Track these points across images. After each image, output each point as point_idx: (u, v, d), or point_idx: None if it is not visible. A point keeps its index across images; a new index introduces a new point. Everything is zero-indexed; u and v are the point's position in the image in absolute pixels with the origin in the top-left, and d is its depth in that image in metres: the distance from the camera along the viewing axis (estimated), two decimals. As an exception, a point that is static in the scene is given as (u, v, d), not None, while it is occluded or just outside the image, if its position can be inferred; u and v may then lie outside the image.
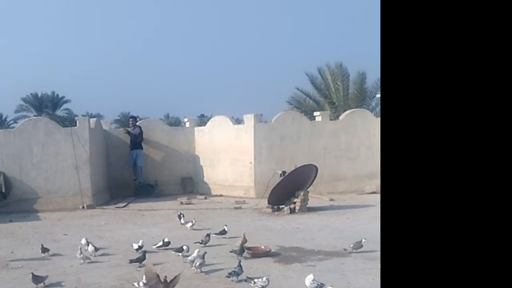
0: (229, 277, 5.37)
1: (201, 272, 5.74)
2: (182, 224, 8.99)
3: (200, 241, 7.10)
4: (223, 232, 7.62)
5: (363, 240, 6.53)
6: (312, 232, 8.19)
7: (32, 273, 5.41)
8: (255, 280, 5.00)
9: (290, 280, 5.24)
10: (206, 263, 5.84)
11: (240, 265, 5.44)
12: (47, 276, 5.51)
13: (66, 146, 11.33)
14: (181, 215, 9.22)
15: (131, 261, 6.17)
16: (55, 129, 11.53)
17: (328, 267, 5.99)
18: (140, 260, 6.13)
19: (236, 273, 5.35)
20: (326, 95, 21.81)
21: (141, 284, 5.01)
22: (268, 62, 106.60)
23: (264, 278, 5.00)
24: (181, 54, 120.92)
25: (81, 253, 6.28)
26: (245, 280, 5.09)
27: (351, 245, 6.56)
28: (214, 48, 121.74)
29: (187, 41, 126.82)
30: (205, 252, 5.97)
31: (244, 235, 6.91)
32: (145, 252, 6.33)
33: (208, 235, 7.24)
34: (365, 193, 12.45)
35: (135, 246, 6.79)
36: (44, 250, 6.72)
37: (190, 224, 8.39)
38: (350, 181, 13.26)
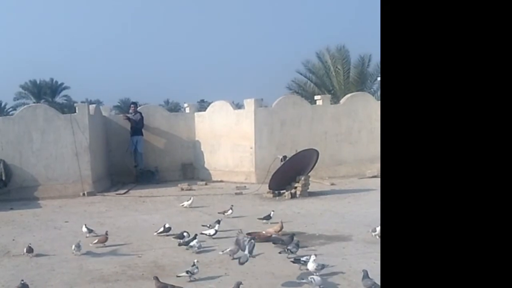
0: (281, 253, 5.58)
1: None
2: (186, 206, 9.12)
3: (208, 226, 7.04)
4: (268, 218, 7.59)
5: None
6: (313, 216, 8.18)
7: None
8: (303, 259, 5.12)
9: (292, 265, 5.23)
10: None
11: (297, 244, 5.64)
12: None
13: (65, 133, 11.28)
14: (189, 199, 9.28)
15: (180, 244, 6.20)
16: (55, 116, 11.47)
17: (329, 251, 5.99)
18: (188, 242, 6.12)
19: (290, 250, 5.53)
20: (324, 82, 21.61)
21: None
22: (269, 47, 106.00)
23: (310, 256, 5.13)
24: (181, 39, 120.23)
25: (78, 245, 6.13)
26: (295, 262, 5.18)
27: (375, 233, 6.35)
28: (215, 34, 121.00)
29: (187, 26, 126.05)
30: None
31: (281, 221, 6.87)
32: (196, 235, 6.30)
33: (218, 220, 7.12)
34: (366, 177, 12.41)
35: (211, 228, 6.77)
36: (29, 250, 6.13)
37: (230, 211, 8.08)
38: (351, 165, 13.22)
